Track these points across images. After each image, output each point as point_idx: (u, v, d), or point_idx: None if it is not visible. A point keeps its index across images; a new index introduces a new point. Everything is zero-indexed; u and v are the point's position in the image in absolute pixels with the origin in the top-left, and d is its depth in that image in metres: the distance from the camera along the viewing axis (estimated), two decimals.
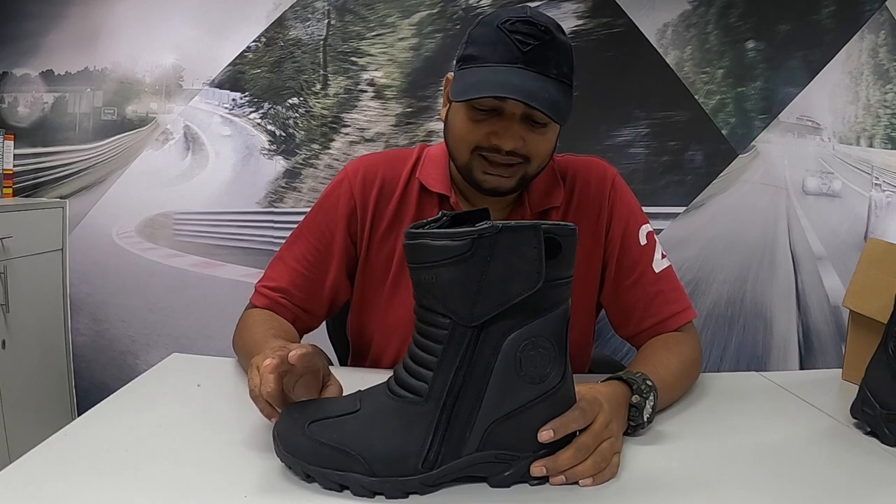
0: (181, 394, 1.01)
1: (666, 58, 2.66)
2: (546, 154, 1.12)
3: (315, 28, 2.57)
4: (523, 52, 1.02)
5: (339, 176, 1.26)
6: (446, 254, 0.70)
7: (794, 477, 0.81)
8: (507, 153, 1.06)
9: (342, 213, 1.22)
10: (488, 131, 1.06)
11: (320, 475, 0.73)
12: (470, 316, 0.71)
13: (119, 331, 2.61)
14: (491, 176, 1.09)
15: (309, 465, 0.73)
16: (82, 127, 2.58)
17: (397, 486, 0.72)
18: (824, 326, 2.82)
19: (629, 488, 0.78)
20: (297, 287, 1.20)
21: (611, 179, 1.23)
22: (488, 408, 0.73)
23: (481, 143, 1.07)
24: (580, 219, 1.20)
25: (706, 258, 2.75)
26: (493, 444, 0.74)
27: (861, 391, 0.98)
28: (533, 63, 1.02)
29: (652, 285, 1.18)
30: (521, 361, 0.73)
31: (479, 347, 0.72)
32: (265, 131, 2.61)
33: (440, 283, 0.71)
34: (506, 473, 0.75)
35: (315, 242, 1.22)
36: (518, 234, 0.70)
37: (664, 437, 0.92)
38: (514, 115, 1.05)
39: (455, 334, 0.72)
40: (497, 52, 1.03)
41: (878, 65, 2.79)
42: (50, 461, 0.76)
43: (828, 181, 2.82)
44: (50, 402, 2.44)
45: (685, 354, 1.11)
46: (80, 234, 2.58)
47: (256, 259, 2.60)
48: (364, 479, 0.72)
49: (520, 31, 1.02)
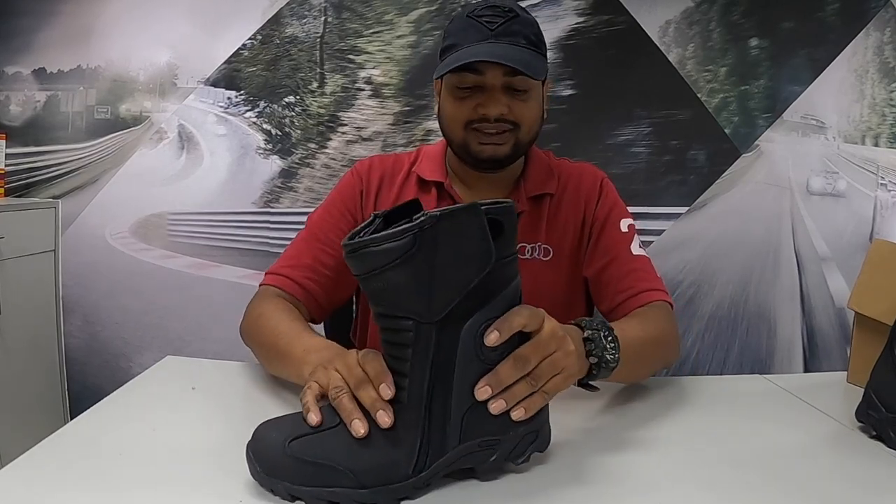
0: (175, 397, 1.00)
1: (668, 56, 2.64)
2: (534, 119, 1.20)
3: (311, 25, 2.55)
4: (492, 30, 1.13)
5: (349, 171, 1.33)
6: (392, 256, 0.67)
7: (799, 481, 0.80)
8: (496, 121, 1.15)
9: (355, 199, 1.28)
10: (474, 104, 1.16)
11: (307, 494, 0.70)
12: (430, 312, 0.69)
13: (112, 333, 2.60)
14: (486, 145, 1.17)
15: (294, 486, 0.70)
16: (75, 126, 2.56)
17: (389, 495, 0.71)
18: (829, 328, 2.79)
19: (630, 490, 0.76)
20: (323, 265, 1.21)
21: (600, 179, 1.32)
22: (458, 398, 0.72)
23: (471, 117, 1.16)
24: (572, 208, 1.28)
25: (709, 259, 2.73)
26: (474, 434, 0.73)
27: (866, 394, 0.96)
28: (502, 36, 1.13)
29: (628, 263, 1.23)
30: (481, 346, 0.71)
31: (444, 338, 0.70)
32: (261, 130, 2.59)
33: (393, 286, 0.69)
34: (491, 459, 0.75)
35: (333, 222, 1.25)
36: (459, 217, 0.68)
37: (666, 439, 0.91)
38: (496, 86, 1.14)
39: (420, 334, 0.70)
40: (469, 35, 1.14)
41: (883, 62, 2.76)
42: (42, 465, 0.75)
43: (832, 181, 2.79)
44: (42, 405, 2.42)
45: (654, 323, 1.10)
46: (73, 234, 2.56)
47: (252, 260, 2.58)
48: (354, 493, 0.70)
49: (485, 15, 1.14)
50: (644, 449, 0.87)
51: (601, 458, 0.84)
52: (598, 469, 0.81)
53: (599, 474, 0.80)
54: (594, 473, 0.80)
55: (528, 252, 1.25)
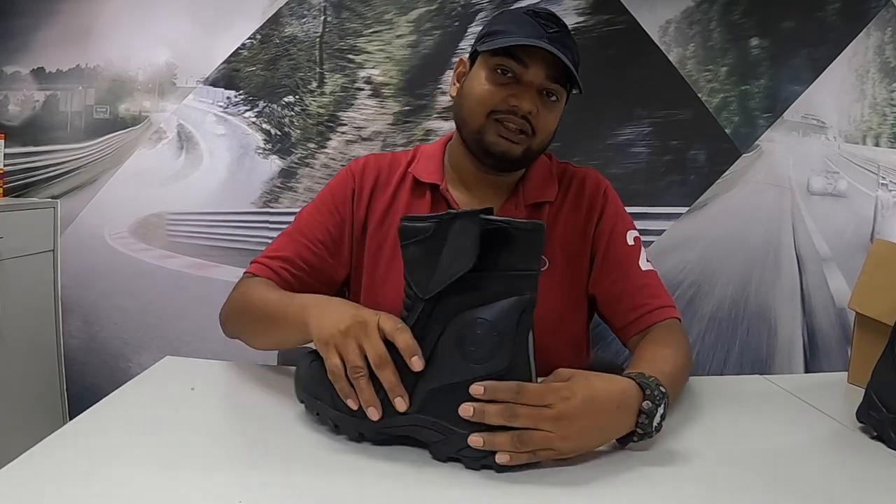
0: (174, 398, 1.00)
1: (668, 55, 2.63)
2: (549, 133, 1.19)
3: (311, 25, 2.55)
4: (548, 32, 1.11)
5: (343, 169, 1.32)
6: (416, 234, 0.81)
7: (799, 482, 0.80)
8: (522, 117, 1.13)
9: (346, 198, 1.26)
10: (507, 94, 1.13)
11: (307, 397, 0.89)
12: (426, 289, 0.80)
13: (111, 333, 2.59)
14: (503, 139, 1.15)
15: (300, 391, 0.90)
16: (74, 126, 2.55)
17: (351, 426, 0.84)
18: (830, 329, 2.78)
19: (630, 492, 0.76)
20: (303, 259, 1.22)
21: (603, 187, 1.29)
22: (429, 375, 0.80)
23: (498, 106, 1.14)
24: (572, 217, 1.26)
25: (709, 259, 2.72)
26: (431, 412, 0.80)
27: (867, 395, 0.97)
28: (555, 43, 1.10)
29: (639, 279, 1.21)
30: (465, 339, 0.79)
31: (433, 319, 0.80)
32: (260, 130, 2.58)
33: (411, 258, 0.82)
34: (442, 445, 0.80)
35: (320, 219, 1.25)
36: (466, 219, 0.79)
37: (666, 440, 0.91)
38: (533, 84, 1.13)
39: (415, 304, 0.81)
40: (523, 29, 1.12)
41: (884, 62, 2.75)
42: (41, 466, 0.76)
43: (833, 181, 2.78)
44: (41, 406, 2.42)
45: (682, 351, 1.09)
46: (72, 234, 2.55)
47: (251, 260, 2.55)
48: (329, 411, 0.85)
49: (543, 17, 1.13)
50: (644, 449, 0.87)
51: (601, 458, 0.84)
52: (598, 469, 0.81)
53: (599, 474, 0.80)
54: (594, 473, 0.80)
55: None
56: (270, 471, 0.77)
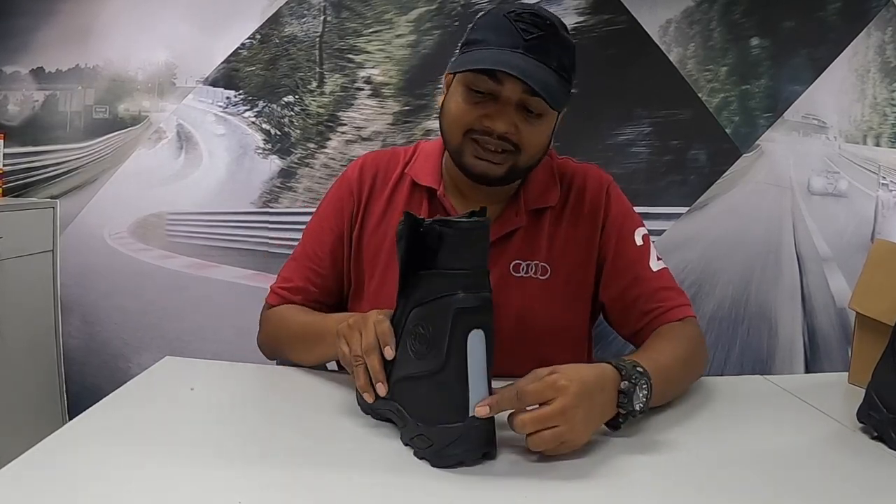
0: (174, 398, 1.00)
1: (668, 55, 2.63)
2: (538, 147, 1.12)
3: (311, 25, 2.55)
4: (525, 39, 1.04)
5: (341, 176, 1.30)
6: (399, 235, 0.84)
7: (799, 482, 0.80)
8: (499, 138, 1.07)
9: (346, 205, 1.25)
10: (482, 114, 1.07)
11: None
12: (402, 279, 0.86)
13: (111, 333, 2.59)
14: (480, 161, 1.10)
15: None
16: (73, 125, 2.55)
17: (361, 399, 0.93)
18: (830, 329, 2.78)
19: (630, 490, 0.77)
20: (313, 284, 1.25)
21: (606, 185, 1.25)
22: (395, 365, 0.87)
23: (474, 126, 1.08)
24: (575, 220, 1.22)
25: (709, 259, 2.71)
26: (397, 399, 0.86)
27: (867, 395, 0.97)
28: (533, 51, 1.04)
29: (651, 282, 1.19)
30: (414, 336, 0.84)
31: (402, 314, 0.87)
32: (260, 130, 2.58)
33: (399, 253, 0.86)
34: (403, 431, 0.86)
35: (325, 237, 1.26)
36: (403, 220, 0.83)
37: (666, 441, 0.91)
38: (510, 101, 1.06)
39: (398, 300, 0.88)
40: (500, 37, 1.05)
41: (885, 62, 2.75)
42: (40, 466, 0.76)
43: (833, 181, 2.78)
44: (40, 406, 2.41)
45: (685, 344, 1.09)
46: (72, 234, 2.55)
47: (251, 260, 2.57)
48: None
49: (524, 21, 1.04)
50: (644, 449, 0.87)
51: (601, 458, 0.84)
52: (597, 469, 0.81)
53: (599, 474, 0.80)
54: (594, 473, 0.80)
55: (522, 269, 1.18)
56: (270, 471, 0.77)
